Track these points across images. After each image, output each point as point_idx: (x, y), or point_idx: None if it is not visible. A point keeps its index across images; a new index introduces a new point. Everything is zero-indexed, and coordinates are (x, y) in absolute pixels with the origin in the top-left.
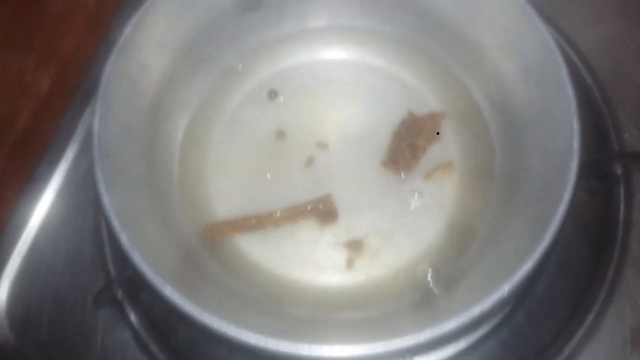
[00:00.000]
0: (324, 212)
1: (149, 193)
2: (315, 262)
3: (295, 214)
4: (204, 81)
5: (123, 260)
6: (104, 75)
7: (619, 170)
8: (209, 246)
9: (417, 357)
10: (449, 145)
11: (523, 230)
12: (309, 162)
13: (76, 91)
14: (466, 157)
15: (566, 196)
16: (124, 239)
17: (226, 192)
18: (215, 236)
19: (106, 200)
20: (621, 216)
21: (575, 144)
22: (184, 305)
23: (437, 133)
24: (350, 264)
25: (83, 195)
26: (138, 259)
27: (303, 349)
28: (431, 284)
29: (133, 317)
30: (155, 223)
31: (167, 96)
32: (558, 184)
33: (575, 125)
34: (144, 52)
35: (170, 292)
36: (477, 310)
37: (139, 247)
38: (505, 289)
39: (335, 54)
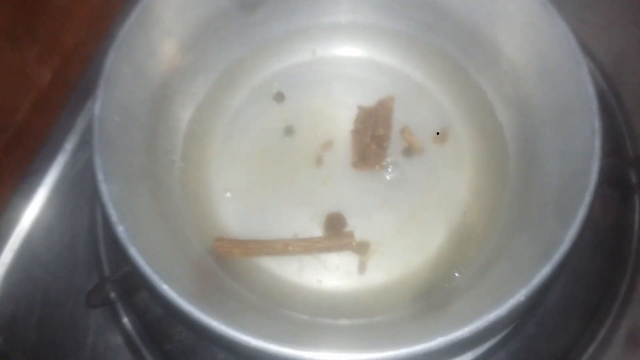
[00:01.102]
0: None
1: (150, 186)
2: (320, 264)
3: (312, 248)
4: (209, 74)
5: (118, 259)
6: (108, 59)
7: (634, 178)
8: (210, 247)
9: None
10: (460, 147)
11: (539, 235)
12: (318, 161)
13: (77, 85)
14: (479, 159)
15: (587, 198)
16: (121, 230)
17: (230, 189)
18: (223, 253)
19: (104, 189)
20: (636, 226)
21: (597, 144)
22: (182, 303)
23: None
24: (362, 267)
25: (80, 191)
26: (134, 253)
27: (305, 354)
28: (442, 289)
29: (126, 319)
30: (154, 217)
31: (171, 86)
32: (577, 186)
33: (597, 125)
34: (151, 38)
35: (167, 290)
36: (492, 316)
37: (136, 240)
38: (522, 294)
39: (346, 50)
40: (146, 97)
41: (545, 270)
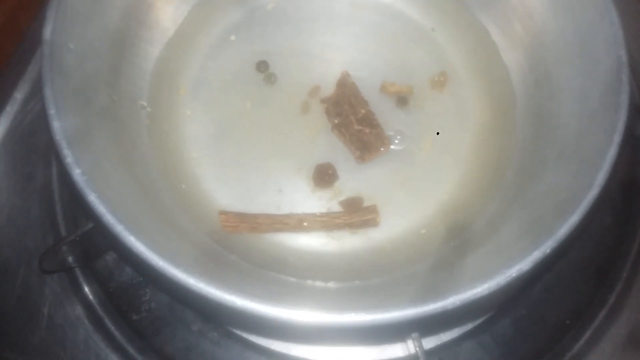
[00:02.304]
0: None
1: (112, 129)
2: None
3: (331, 224)
4: (180, 7)
5: (76, 217)
6: None
7: None
8: (183, 202)
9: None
10: (462, 93)
11: (559, 183)
12: (305, 108)
13: (29, 29)
14: (483, 106)
15: (617, 136)
16: (78, 174)
17: (205, 139)
18: (228, 229)
19: (57, 126)
20: None
21: (624, 77)
22: (153, 258)
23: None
24: None
25: (32, 145)
26: (94, 200)
27: (290, 314)
28: (447, 247)
29: (87, 288)
30: (117, 164)
31: (137, 17)
32: (602, 126)
33: (624, 55)
34: None
35: (136, 242)
36: (514, 271)
37: (96, 186)
38: (548, 246)
39: None
40: (107, 25)
41: (573, 219)
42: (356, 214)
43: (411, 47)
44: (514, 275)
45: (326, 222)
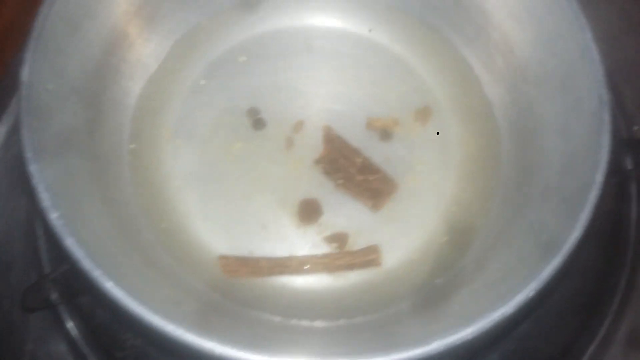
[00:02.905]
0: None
1: (92, 169)
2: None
3: (333, 266)
4: (162, 42)
5: (59, 255)
6: (39, 15)
7: (629, 164)
8: (163, 237)
9: None
10: (445, 128)
11: (543, 221)
12: (288, 144)
13: (12, 61)
14: (466, 140)
15: (598, 178)
16: (55, 218)
17: (188, 176)
18: (228, 274)
19: (34, 169)
20: (633, 215)
21: (606, 116)
22: (130, 304)
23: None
24: None
25: (15, 178)
26: (71, 244)
27: None
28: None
29: (71, 324)
30: (97, 205)
31: (117, 54)
32: (584, 166)
33: (605, 94)
34: None
35: (114, 288)
36: (497, 315)
37: (74, 229)
38: (531, 288)
39: (317, 19)
40: (86, 64)
41: (556, 261)
42: (358, 254)
43: (393, 81)
44: (497, 319)
45: (328, 264)
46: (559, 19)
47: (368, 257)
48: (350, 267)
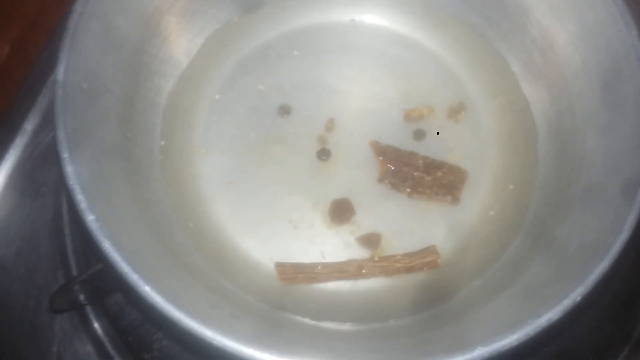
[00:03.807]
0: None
1: (125, 169)
2: (325, 260)
3: (391, 269)
4: (193, 39)
5: (88, 255)
6: (73, 14)
7: None
8: (194, 238)
9: None
10: (481, 125)
11: (587, 223)
12: (321, 142)
13: (39, 59)
14: (502, 139)
15: None
16: (92, 220)
17: (219, 175)
18: (285, 281)
19: (70, 170)
20: None
21: None
22: (168, 308)
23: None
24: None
25: (42, 178)
26: (108, 247)
27: None
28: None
29: (97, 325)
30: (131, 206)
31: (149, 52)
32: (629, 165)
33: None
34: None
35: (150, 291)
36: (543, 321)
37: (110, 232)
38: (578, 293)
39: (350, 16)
40: (120, 62)
41: (603, 265)
42: (416, 256)
43: (427, 78)
44: (543, 325)
45: (385, 268)
46: (602, 15)
47: (427, 258)
48: (409, 269)
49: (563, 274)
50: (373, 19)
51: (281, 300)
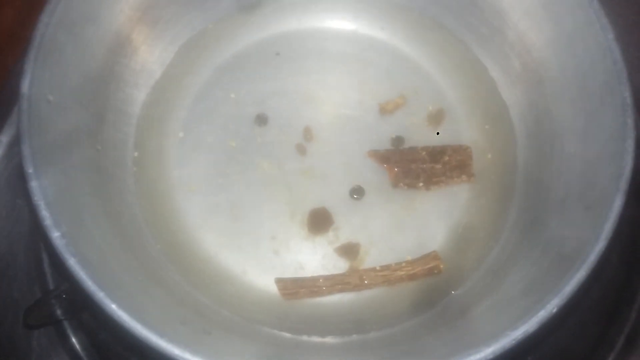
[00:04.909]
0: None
1: (96, 182)
2: (300, 269)
3: (393, 278)
4: (167, 48)
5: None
6: (40, 24)
7: None
8: (168, 251)
9: None
10: (459, 130)
11: (563, 231)
12: (299, 151)
13: (13, 70)
14: (481, 144)
15: (622, 185)
16: (57, 237)
17: (194, 186)
18: (286, 296)
19: (35, 185)
20: None
21: (630, 120)
22: (135, 326)
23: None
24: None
25: (18, 190)
26: (74, 265)
27: None
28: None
29: (74, 339)
30: (101, 220)
31: (120, 61)
32: (607, 172)
33: (628, 98)
34: (93, 2)
35: (118, 310)
36: (518, 333)
37: (77, 248)
38: (554, 304)
39: (327, 22)
40: (89, 73)
41: (580, 274)
42: (418, 263)
43: (406, 84)
44: (518, 337)
45: (388, 276)
46: (578, 19)
47: (428, 265)
48: (412, 277)
49: (540, 285)
50: (350, 24)
51: (258, 314)
